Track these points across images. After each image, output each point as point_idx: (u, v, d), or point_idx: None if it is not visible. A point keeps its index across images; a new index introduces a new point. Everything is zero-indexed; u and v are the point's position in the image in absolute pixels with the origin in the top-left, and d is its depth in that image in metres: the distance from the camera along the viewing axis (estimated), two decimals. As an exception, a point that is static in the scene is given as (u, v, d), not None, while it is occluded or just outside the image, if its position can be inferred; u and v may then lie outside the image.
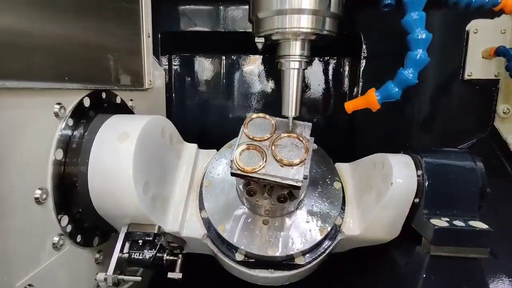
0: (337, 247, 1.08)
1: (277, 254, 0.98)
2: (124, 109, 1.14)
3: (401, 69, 0.92)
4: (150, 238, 0.95)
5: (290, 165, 0.91)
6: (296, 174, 0.89)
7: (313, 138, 0.97)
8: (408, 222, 1.01)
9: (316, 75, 1.69)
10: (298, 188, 0.90)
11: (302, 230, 1.03)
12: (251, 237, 1.01)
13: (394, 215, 0.99)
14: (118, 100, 1.11)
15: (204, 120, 1.75)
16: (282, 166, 0.91)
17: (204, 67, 1.74)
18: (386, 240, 1.07)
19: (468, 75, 1.32)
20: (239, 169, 0.91)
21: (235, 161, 0.93)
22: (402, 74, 0.91)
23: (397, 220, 1.01)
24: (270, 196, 1.01)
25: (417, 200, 0.96)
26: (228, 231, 1.03)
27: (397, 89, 0.91)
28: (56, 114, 0.83)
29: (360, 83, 1.57)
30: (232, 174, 0.93)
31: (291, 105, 1.04)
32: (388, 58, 1.13)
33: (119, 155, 0.88)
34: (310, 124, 1.01)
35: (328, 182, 1.14)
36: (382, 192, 0.97)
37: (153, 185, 0.97)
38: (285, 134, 0.97)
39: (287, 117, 1.02)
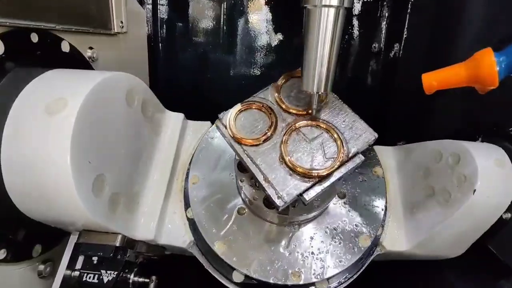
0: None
1: (300, 282, 0.68)
2: (76, 62, 0.78)
3: None
4: (109, 255, 0.65)
5: (306, 175, 0.59)
6: (297, 188, 0.58)
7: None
8: (483, 240, 0.70)
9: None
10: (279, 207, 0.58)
11: (329, 246, 0.73)
12: (256, 254, 0.71)
13: (466, 233, 0.68)
14: (65, 47, 0.75)
15: (199, 80, 1.36)
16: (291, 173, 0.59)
17: (200, 9, 1.32)
18: (442, 258, 0.77)
19: None
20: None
21: (228, 120, 0.63)
22: None
23: (468, 238, 0.70)
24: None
25: (508, 215, 0.64)
26: (220, 242, 0.72)
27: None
28: None
29: (403, 40, 1.19)
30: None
31: (317, 74, 0.58)
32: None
33: (49, 136, 0.55)
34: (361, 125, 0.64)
35: (365, 173, 0.81)
36: (454, 200, 0.65)
37: (111, 179, 0.65)
38: (307, 122, 0.64)
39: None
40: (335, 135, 0.61)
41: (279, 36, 1.31)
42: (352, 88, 1.32)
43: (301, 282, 0.68)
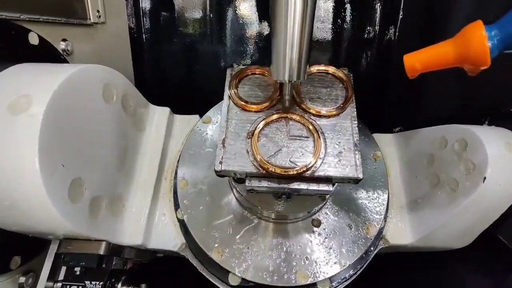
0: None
1: (300, 282, 0.64)
2: (47, 55, 0.72)
3: None
4: (93, 264, 0.60)
5: (259, 164, 0.54)
6: (241, 168, 0.54)
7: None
8: (492, 230, 0.66)
9: (330, 3, 1.20)
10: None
11: (329, 243, 0.68)
12: (252, 255, 0.67)
13: (475, 223, 0.64)
14: (33, 40, 0.68)
15: (186, 72, 1.29)
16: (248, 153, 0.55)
17: (185, -4, 1.24)
18: (450, 249, 0.73)
19: None
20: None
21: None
22: None
23: (476, 228, 0.66)
24: (290, 198, 0.64)
25: (519, 203, 0.59)
26: (213, 243, 0.68)
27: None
28: None
29: (399, 21, 1.13)
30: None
31: (288, 61, 0.51)
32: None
33: (14, 139, 0.49)
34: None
35: (365, 163, 0.77)
36: (462, 190, 0.60)
37: (90, 182, 0.59)
38: (302, 119, 0.58)
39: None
40: (317, 149, 0.55)
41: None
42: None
43: (302, 283, 0.64)
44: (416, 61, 0.50)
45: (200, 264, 0.71)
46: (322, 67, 0.64)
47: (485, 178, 0.56)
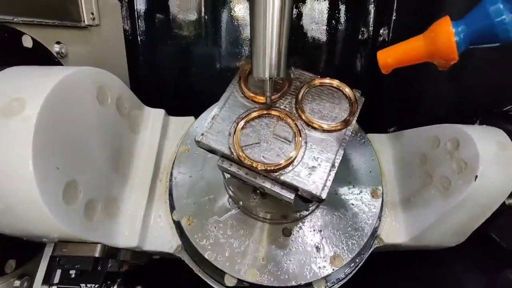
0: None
1: (296, 282, 0.64)
2: (41, 58, 0.72)
3: None
4: (89, 267, 0.60)
5: (231, 149, 0.55)
6: (216, 144, 0.56)
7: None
8: (484, 227, 0.66)
9: (325, 6, 1.21)
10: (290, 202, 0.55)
11: (325, 242, 0.69)
12: (248, 255, 0.67)
13: (468, 221, 0.64)
14: (27, 42, 0.68)
15: (181, 74, 1.29)
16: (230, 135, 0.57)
17: (180, -2, 1.24)
18: (444, 247, 0.74)
19: None
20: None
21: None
22: None
23: (469, 226, 0.66)
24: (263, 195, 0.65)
25: (511, 201, 0.60)
26: (209, 244, 0.68)
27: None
28: None
29: (392, 22, 1.14)
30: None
31: (268, 58, 0.53)
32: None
33: (7, 142, 0.49)
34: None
35: (360, 163, 0.77)
36: (455, 188, 0.61)
37: (85, 184, 0.59)
38: (291, 122, 0.58)
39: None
40: (294, 153, 0.55)
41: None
42: (341, 76, 1.27)
43: (297, 283, 0.64)
44: (389, 56, 0.51)
45: (196, 265, 0.72)
46: (335, 82, 0.62)
47: (476, 176, 0.57)
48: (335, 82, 0.61)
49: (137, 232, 0.69)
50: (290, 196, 0.54)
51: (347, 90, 0.61)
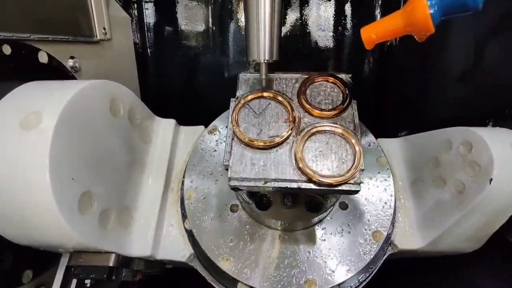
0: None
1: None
2: (56, 73, 0.74)
3: None
4: (103, 276, 0.61)
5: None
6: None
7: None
8: (502, 233, 0.65)
9: (330, 12, 1.22)
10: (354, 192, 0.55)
11: (338, 250, 0.68)
12: (261, 264, 0.67)
13: (484, 225, 0.63)
14: (43, 58, 0.70)
15: (191, 84, 1.31)
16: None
17: (188, 11, 1.27)
18: (460, 253, 0.72)
19: None
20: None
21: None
22: None
23: (486, 231, 0.65)
24: (294, 204, 0.65)
25: (528, 204, 0.59)
26: (222, 253, 0.68)
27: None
28: None
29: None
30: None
31: (262, 42, 0.60)
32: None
33: (26, 154, 0.50)
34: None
35: (371, 166, 0.77)
36: (469, 192, 0.60)
37: (99, 195, 0.60)
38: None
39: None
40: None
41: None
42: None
43: None
44: (372, 31, 0.55)
45: (208, 274, 0.72)
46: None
47: (491, 179, 0.56)
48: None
49: (150, 241, 0.69)
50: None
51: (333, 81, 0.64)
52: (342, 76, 0.64)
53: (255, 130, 0.58)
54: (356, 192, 0.54)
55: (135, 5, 1.21)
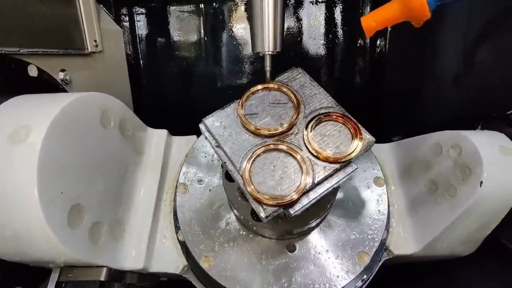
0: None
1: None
2: (47, 86, 0.74)
3: None
4: (94, 291, 0.60)
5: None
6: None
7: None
8: (495, 235, 0.65)
9: (321, 20, 1.24)
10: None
11: (331, 257, 0.67)
12: (256, 275, 0.66)
13: (477, 228, 0.63)
14: (33, 72, 0.70)
15: (183, 95, 1.32)
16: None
17: (179, 22, 1.28)
18: (455, 257, 0.72)
19: None
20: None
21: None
22: None
23: (480, 234, 0.65)
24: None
25: (520, 205, 0.59)
26: (216, 264, 0.67)
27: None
28: None
29: (388, 33, 1.16)
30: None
31: (266, 35, 0.64)
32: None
33: (14, 168, 0.50)
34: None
35: (362, 173, 0.77)
36: (461, 195, 0.60)
37: (90, 208, 0.59)
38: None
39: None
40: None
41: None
42: (341, 88, 1.28)
43: None
44: (371, 20, 0.57)
45: (202, 286, 0.71)
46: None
47: (481, 182, 0.56)
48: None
49: (142, 253, 0.68)
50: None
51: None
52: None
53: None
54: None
55: (127, 17, 1.23)
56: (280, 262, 0.67)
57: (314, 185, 0.54)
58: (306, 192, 0.53)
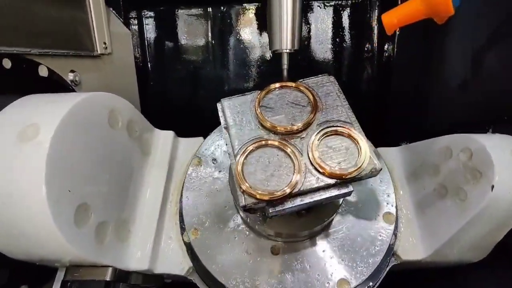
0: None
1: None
2: (56, 86, 0.75)
3: None
4: (100, 291, 0.60)
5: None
6: None
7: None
8: (506, 241, 0.63)
9: (329, 24, 1.23)
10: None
11: (338, 262, 0.66)
12: (263, 277, 0.65)
13: (488, 233, 0.62)
14: (43, 72, 0.71)
15: (190, 97, 1.33)
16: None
17: (188, 26, 1.29)
18: (465, 263, 0.71)
19: None
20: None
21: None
22: None
23: (491, 239, 0.63)
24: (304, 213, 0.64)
25: (533, 211, 0.58)
26: (221, 266, 0.66)
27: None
28: None
29: (396, 37, 1.15)
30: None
31: (284, 33, 0.65)
32: None
33: (22, 166, 0.50)
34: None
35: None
36: (471, 199, 0.59)
37: (96, 207, 0.60)
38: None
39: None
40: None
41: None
42: (349, 93, 1.27)
43: None
44: (393, 16, 0.56)
45: (207, 288, 0.70)
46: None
47: (493, 186, 0.55)
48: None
49: (147, 254, 0.68)
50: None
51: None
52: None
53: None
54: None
55: (136, 20, 1.24)
56: (285, 264, 0.66)
57: (301, 193, 0.52)
58: (291, 196, 0.52)
